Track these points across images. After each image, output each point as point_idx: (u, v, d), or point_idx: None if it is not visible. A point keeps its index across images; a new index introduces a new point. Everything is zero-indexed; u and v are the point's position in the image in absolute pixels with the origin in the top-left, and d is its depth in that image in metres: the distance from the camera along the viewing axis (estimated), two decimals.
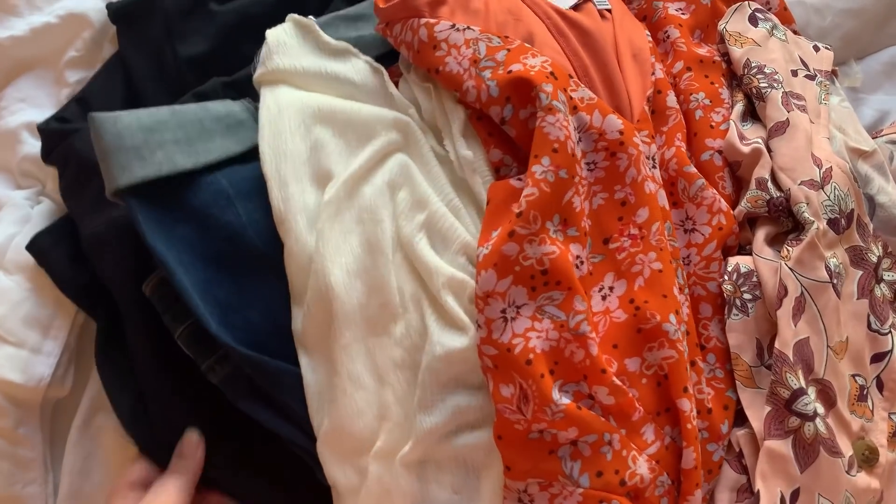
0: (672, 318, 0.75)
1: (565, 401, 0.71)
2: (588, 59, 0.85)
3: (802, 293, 0.77)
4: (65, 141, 0.91)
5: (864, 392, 0.79)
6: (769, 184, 0.82)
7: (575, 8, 0.89)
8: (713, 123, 0.87)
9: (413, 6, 0.84)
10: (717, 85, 0.90)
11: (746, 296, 0.79)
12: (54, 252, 0.92)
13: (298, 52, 0.86)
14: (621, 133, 0.79)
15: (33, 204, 0.98)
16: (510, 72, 0.78)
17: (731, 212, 0.82)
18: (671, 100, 0.87)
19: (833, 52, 0.96)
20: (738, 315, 0.79)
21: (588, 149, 0.79)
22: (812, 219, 0.79)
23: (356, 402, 0.76)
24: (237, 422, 0.82)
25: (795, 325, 0.77)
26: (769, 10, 0.99)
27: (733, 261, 0.81)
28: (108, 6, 1.00)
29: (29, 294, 0.93)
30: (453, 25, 0.82)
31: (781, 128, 0.84)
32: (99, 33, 1.01)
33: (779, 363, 0.76)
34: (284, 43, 0.86)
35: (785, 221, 0.82)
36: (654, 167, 0.82)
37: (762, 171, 0.83)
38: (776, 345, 0.76)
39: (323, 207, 0.78)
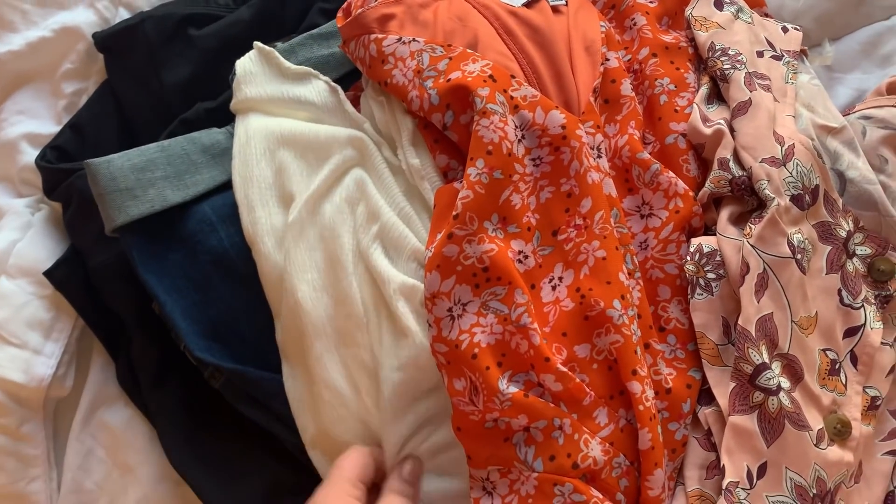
0: (616, 303, 0.74)
1: (512, 390, 0.71)
2: (537, 55, 0.85)
3: (765, 269, 0.75)
4: (66, 180, 0.93)
5: (837, 366, 0.77)
6: (731, 163, 0.80)
7: (527, 5, 0.88)
8: (678, 108, 0.85)
9: (363, 23, 0.85)
10: (682, 70, 0.88)
11: (710, 275, 0.77)
12: (72, 281, 0.94)
13: (263, 80, 0.88)
14: (563, 127, 0.78)
15: (34, 211, 0.99)
16: (449, 80, 0.78)
17: (690, 194, 0.80)
18: (625, 88, 0.85)
19: (803, 33, 0.93)
20: (702, 294, 0.77)
21: (532, 145, 0.79)
22: (773, 196, 0.77)
23: (336, 410, 0.78)
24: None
25: (758, 302, 0.74)
26: None
27: (696, 241, 0.78)
28: (94, 36, 1.01)
29: (31, 297, 0.94)
30: (400, 39, 0.83)
31: (744, 107, 0.82)
32: (92, 46, 1.02)
33: (741, 339, 0.74)
34: (251, 72, 0.88)
35: (749, 200, 0.79)
36: (598, 157, 0.80)
37: (724, 152, 0.80)
38: (739, 321, 0.74)
39: (287, 228, 0.80)
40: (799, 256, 0.76)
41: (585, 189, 0.77)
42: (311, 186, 0.81)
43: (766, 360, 0.74)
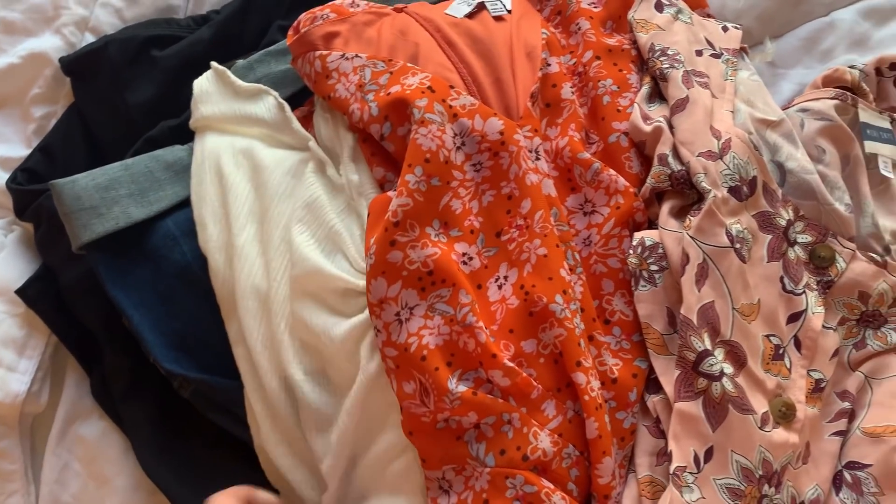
0: (558, 298, 0.75)
1: (461, 388, 0.73)
2: (478, 63, 0.87)
3: (704, 259, 0.76)
4: (36, 201, 0.94)
5: (780, 351, 0.78)
6: (669, 158, 0.81)
7: (469, 17, 0.91)
8: (620, 108, 0.87)
9: (309, 40, 0.87)
10: (625, 71, 0.90)
11: (653, 267, 0.78)
12: (45, 299, 0.95)
13: (218, 99, 0.90)
14: (501, 133, 0.80)
15: (6, 232, 1.00)
16: (389, 93, 0.81)
17: (631, 190, 0.82)
18: (566, 92, 0.87)
19: (745, 31, 0.95)
20: (645, 286, 0.78)
21: (472, 151, 0.81)
22: (710, 188, 0.78)
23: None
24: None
25: (699, 291, 0.76)
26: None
27: (638, 235, 0.80)
28: (60, 60, 1.03)
29: (4, 316, 0.95)
30: (343, 55, 0.85)
31: (682, 104, 0.84)
32: (59, 70, 1.03)
33: (684, 328, 0.75)
34: (206, 91, 0.91)
35: (689, 194, 0.81)
36: (536, 159, 0.82)
37: (663, 148, 0.82)
38: (681, 310, 0.75)
39: (235, 252, 0.82)
40: (738, 246, 0.78)
41: (525, 191, 0.79)
42: (256, 211, 0.84)
43: (709, 347, 0.75)
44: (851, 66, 0.93)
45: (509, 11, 0.91)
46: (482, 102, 0.84)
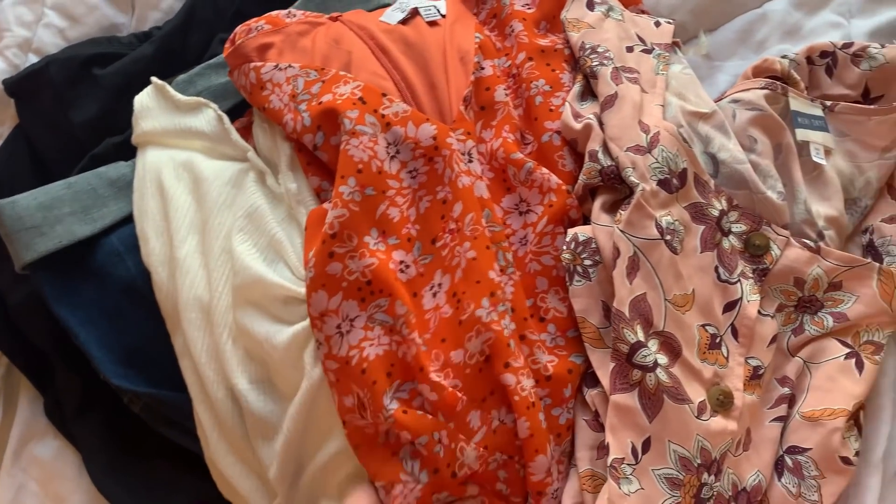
0: (485, 301, 0.75)
1: (394, 406, 0.73)
2: (412, 69, 0.87)
3: (635, 252, 0.77)
4: None
5: (717, 340, 0.78)
6: (599, 154, 0.82)
7: (403, 23, 0.91)
8: (552, 107, 0.88)
9: (244, 52, 0.88)
10: (558, 71, 0.90)
11: (587, 262, 0.79)
12: None
13: (159, 113, 0.90)
14: (434, 139, 0.81)
15: None
16: (321, 102, 0.81)
17: (564, 188, 0.82)
18: (499, 94, 0.88)
19: (681, 26, 0.96)
20: (580, 281, 0.78)
21: (408, 158, 0.81)
22: (638, 181, 0.79)
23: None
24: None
25: (631, 283, 0.76)
26: None
27: (572, 231, 0.80)
28: (3, 82, 1.03)
29: None
30: (277, 65, 0.85)
31: (611, 101, 0.84)
32: (2, 92, 1.04)
33: (616, 320, 0.75)
34: (147, 106, 0.91)
35: (621, 188, 0.81)
36: (469, 161, 0.82)
37: (593, 144, 0.82)
38: (614, 303, 0.76)
39: (177, 264, 0.82)
40: (668, 238, 0.78)
41: (457, 194, 0.79)
42: (196, 224, 0.84)
43: (642, 339, 0.75)
44: (783, 56, 0.94)
45: (444, 16, 0.92)
46: (416, 108, 0.84)
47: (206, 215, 0.83)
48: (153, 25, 1.10)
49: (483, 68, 0.88)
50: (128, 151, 0.93)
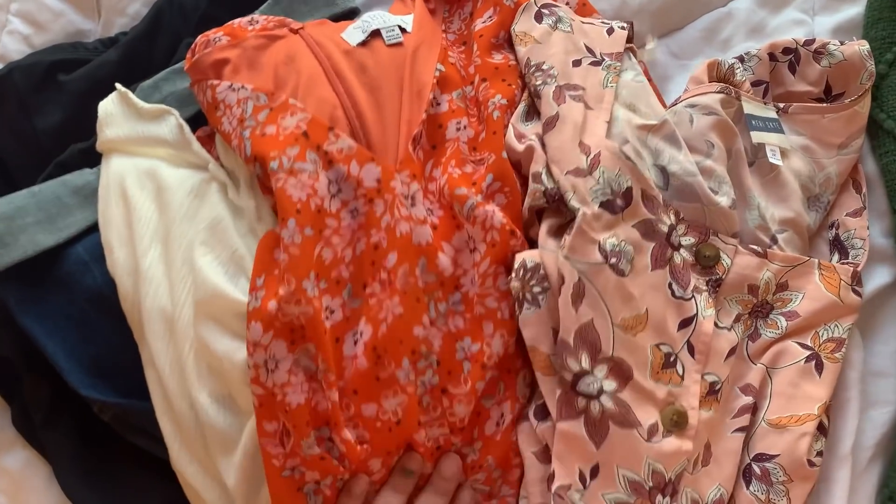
0: (405, 362, 0.75)
1: (315, 446, 0.73)
2: (365, 97, 0.84)
3: (580, 279, 0.75)
4: None
5: (672, 359, 0.77)
6: (543, 176, 0.80)
7: (363, 44, 0.88)
8: (506, 122, 0.86)
9: (200, 69, 0.86)
10: (514, 87, 0.88)
11: (536, 288, 0.77)
12: None
13: (122, 120, 0.89)
14: (378, 181, 0.79)
15: None
16: (264, 134, 0.79)
17: (507, 227, 0.79)
18: (451, 131, 0.85)
19: (633, 30, 0.93)
20: (529, 309, 0.77)
21: (349, 197, 0.79)
22: (579, 206, 0.77)
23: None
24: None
25: (576, 311, 0.75)
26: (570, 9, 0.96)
27: (520, 257, 0.79)
28: None
29: None
30: (231, 85, 0.83)
31: (552, 122, 0.82)
32: None
33: (561, 349, 0.74)
34: (111, 113, 0.89)
35: (566, 211, 0.80)
36: (412, 206, 0.80)
37: (536, 166, 0.81)
38: (560, 332, 0.75)
39: (140, 275, 0.81)
40: (614, 261, 0.76)
41: (393, 242, 0.77)
42: (160, 234, 0.82)
43: (587, 367, 0.74)
44: (746, 53, 0.92)
45: (407, 32, 0.89)
46: (365, 140, 0.82)
47: (168, 225, 0.82)
48: (119, 31, 1.08)
49: (439, 104, 0.86)
50: (94, 158, 0.91)
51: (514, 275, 0.78)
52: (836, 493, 0.79)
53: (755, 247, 0.82)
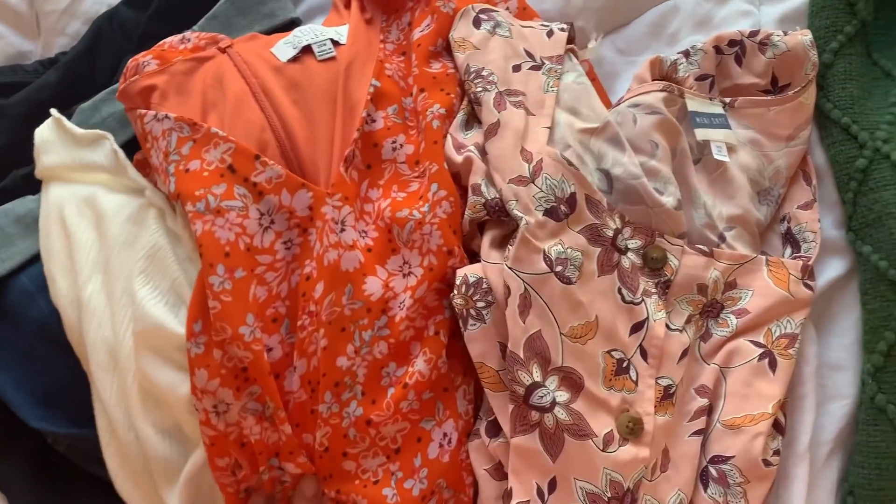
0: (328, 395, 0.74)
1: (269, 473, 0.74)
2: (296, 116, 0.82)
3: (526, 289, 0.73)
4: None
5: (625, 364, 0.75)
6: (483, 188, 0.78)
7: (294, 60, 0.86)
8: (445, 132, 0.84)
9: (129, 97, 0.83)
10: (453, 95, 0.86)
11: (480, 304, 0.75)
12: None
13: (59, 147, 0.86)
14: (311, 209, 0.77)
15: None
16: (187, 170, 0.77)
17: (444, 249, 0.78)
18: (387, 150, 0.83)
19: (575, 30, 0.91)
20: (474, 325, 0.75)
21: (282, 228, 0.77)
22: (522, 214, 0.75)
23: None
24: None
25: (524, 322, 0.73)
26: (510, 13, 0.94)
27: (461, 272, 0.77)
28: None
29: None
30: (156, 115, 0.81)
31: (493, 129, 0.80)
32: None
33: (511, 363, 0.73)
34: (48, 140, 0.87)
35: (508, 221, 0.78)
36: (342, 231, 0.78)
37: (475, 177, 0.79)
38: (508, 345, 0.73)
39: (82, 305, 0.79)
40: (560, 268, 0.75)
41: (321, 272, 0.76)
42: (100, 264, 0.81)
43: (538, 379, 0.73)
44: (692, 47, 0.90)
45: (341, 44, 0.87)
46: (296, 161, 0.80)
47: (108, 254, 0.80)
48: (60, 51, 1.06)
49: (374, 121, 0.83)
50: (36, 183, 0.89)
51: (455, 291, 0.76)
52: (796, 491, 0.78)
53: (702, 246, 0.80)
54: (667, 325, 0.77)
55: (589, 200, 0.78)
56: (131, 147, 0.88)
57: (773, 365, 0.77)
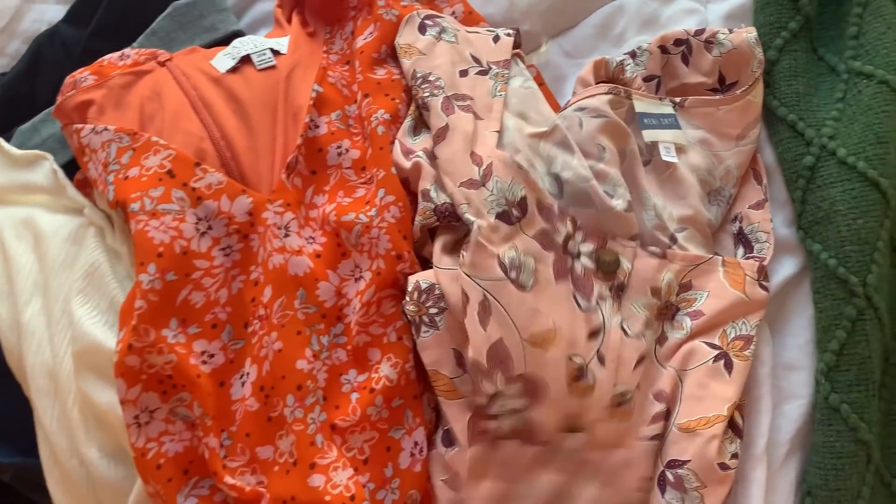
0: (290, 399, 0.72)
1: (190, 503, 0.71)
2: (236, 126, 0.81)
3: (485, 296, 0.72)
4: None
5: (584, 371, 0.74)
6: (432, 193, 0.77)
7: (234, 70, 0.84)
8: (394, 137, 0.83)
9: (65, 113, 0.82)
10: (398, 101, 0.85)
11: (433, 310, 0.74)
12: None
13: None
14: (251, 214, 0.76)
15: None
16: (126, 177, 0.76)
17: (392, 253, 0.76)
18: (331, 156, 0.82)
19: (514, 38, 0.88)
20: (427, 332, 0.74)
21: (221, 234, 0.76)
22: (474, 218, 0.74)
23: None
24: None
25: (485, 329, 0.71)
26: (455, 19, 0.93)
27: (413, 279, 0.75)
28: None
29: None
30: (94, 128, 0.79)
31: (442, 134, 0.79)
32: None
33: (474, 371, 0.71)
34: None
35: (459, 226, 0.76)
36: (286, 236, 0.77)
37: (425, 183, 0.78)
38: (470, 353, 0.71)
39: (21, 329, 0.78)
40: (514, 275, 0.73)
41: (268, 276, 0.75)
42: (38, 286, 0.79)
43: (501, 388, 0.71)
44: (638, 48, 0.90)
45: (282, 54, 0.86)
46: (237, 170, 0.79)
47: (47, 275, 0.79)
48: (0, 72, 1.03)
49: (318, 127, 0.82)
50: None
51: (408, 298, 0.75)
52: (753, 494, 0.77)
53: (654, 248, 0.80)
54: (623, 330, 0.76)
55: (540, 205, 0.77)
56: (72, 168, 0.86)
57: (728, 366, 0.77)
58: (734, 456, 0.74)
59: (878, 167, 0.82)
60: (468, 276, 0.72)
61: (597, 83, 0.86)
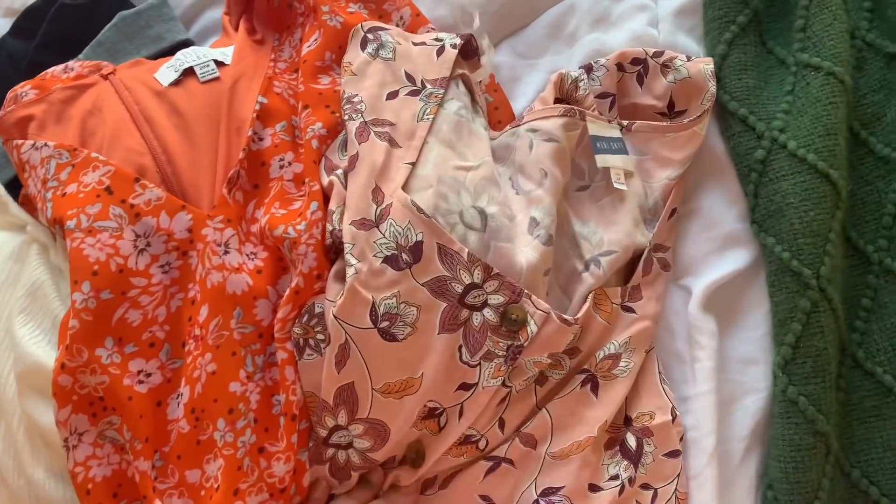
0: (221, 423, 0.72)
1: None
2: (178, 141, 0.81)
3: (346, 340, 0.72)
4: None
5: (438, 412, 0.75)
6: (335, 216, 0.76)
7: (177, 83, 0.84)
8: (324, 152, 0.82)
9: (4, 128, 0.82)
10: (338, 114, 0.83)
11: (320, 336, 0.75)
12: None
13: None
14: (190, 231, 0.76)
15: None
16: (64, 194, 0.76)
17: (315, 270, 0.75)
18: (274, 169, 0.81)
19: (458, 50, 0.85)
20: (311, 355, 0.75)
21: (160, 251, 0.76)
22: (355, 261, 0.72)
23: None
24: None
25: (339, 373, 0.73)
26: (402, 24, 0.91)
27: (310, 301, 0.75)
28: None
29: None
30: (34, 144, 0.80)
31: (353, 162, 0.77)
32: None
33: (318, 408, 0.74)
34: None
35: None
36: (226, 253, 0.76)
37: (332, 204, 0.77)
38: (321, 391, 0.74)
39: None
40: (385, 324, 0.72)
41: (205, 295, 0.75)
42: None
43: (341, 423, 0.74)
44: (595, 61, 0.88)
45: (226, 65, 0.85)
46: (178, 186, 0.79)
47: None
48: None
49: (262, 139, 0.81)
50: None
51: (297, 319, 0.75)
52: (707, 491, 0.77)
53: (567, 316, 0.77)
54: (504, 384, 0.76)
55: (444, 251, 0.74)
56: (16, 186, 0.85)
57: (594, 388, 0.78)
58: (613, 477, 0.76)
59: (827, 159, 0.81)
60: (336, 318, 0.72)
61: (554, 102, 0.85)
